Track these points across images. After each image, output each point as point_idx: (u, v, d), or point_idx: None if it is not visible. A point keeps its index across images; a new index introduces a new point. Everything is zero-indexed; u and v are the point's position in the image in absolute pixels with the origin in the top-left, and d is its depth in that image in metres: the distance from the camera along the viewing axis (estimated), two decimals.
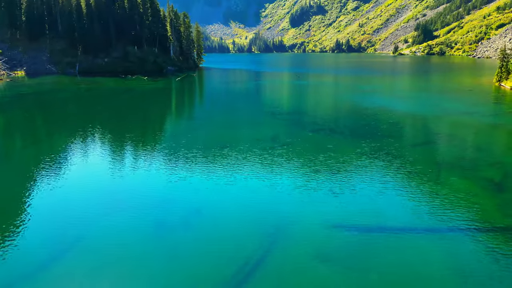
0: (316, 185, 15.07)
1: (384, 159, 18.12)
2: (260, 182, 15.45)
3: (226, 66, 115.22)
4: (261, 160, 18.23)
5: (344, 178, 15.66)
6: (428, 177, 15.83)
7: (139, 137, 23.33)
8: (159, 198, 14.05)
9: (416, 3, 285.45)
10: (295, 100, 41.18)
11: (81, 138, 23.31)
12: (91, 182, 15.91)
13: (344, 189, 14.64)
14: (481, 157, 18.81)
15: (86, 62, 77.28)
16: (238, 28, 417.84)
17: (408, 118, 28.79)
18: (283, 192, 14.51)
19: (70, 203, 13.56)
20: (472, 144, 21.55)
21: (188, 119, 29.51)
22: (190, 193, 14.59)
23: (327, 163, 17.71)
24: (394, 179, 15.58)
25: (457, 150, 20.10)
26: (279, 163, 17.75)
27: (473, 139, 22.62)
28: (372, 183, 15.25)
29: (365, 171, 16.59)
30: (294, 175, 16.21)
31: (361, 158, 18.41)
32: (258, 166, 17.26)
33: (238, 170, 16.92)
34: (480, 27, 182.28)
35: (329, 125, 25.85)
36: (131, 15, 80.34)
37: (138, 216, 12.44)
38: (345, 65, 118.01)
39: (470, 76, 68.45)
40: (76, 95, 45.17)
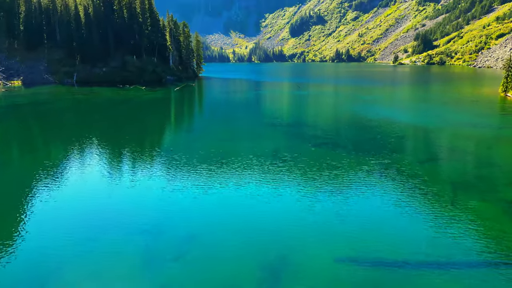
0: (321, 207, 13.69)
1: (394, 178, 16.74)
2: (260, 204, 14.09)
3: (226, 76, 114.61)
4: (261, 178, 16.88)
5: (351, 200, 14.27)
6: (444, 199, 14.43)
7: (134, 150, 22.01)
8: (153, 214, 13.22)
9: (415, 14, 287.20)
10: (296, 111, 39.97)
11: (75, 150, 22.12)
12: (86, 195, 15.17)
13: (351, 212, 13.27)
14: (497, 175, 17.44)
15: (84, 72, 76.39)
16: (238, 38, 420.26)
17: (415, 130, 27.49)
18: (285, 215, 13.14)
19: (64, 216, 13.12)
20: (486, 160, 20.20)
21: (186, 131, 28.22)
22: (185, 213, 13.44)
23: (331, 182, 16.33)
24: (406, 202, 14.18)
25: (471, 167, 18.76)
26: (280, 181, 16.38)
27: (486, 154, 21.28)
28: (382, 206, 13.88)
29: (373, 191, 15.20)
30: (296, 195, 14.82)
31: (368, 176, 17.04)
32: (257, 185, 15.89)
33: (236, 189, 15.62)
34: (480, 37, 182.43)
35: (332, 138, 24.53)
36: (130, 24, 79.80)
37: (132, 231, 11.91)
38: (345, 75, 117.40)
39: (474, 86, 67.45)
40: (71, 105, 44.00)
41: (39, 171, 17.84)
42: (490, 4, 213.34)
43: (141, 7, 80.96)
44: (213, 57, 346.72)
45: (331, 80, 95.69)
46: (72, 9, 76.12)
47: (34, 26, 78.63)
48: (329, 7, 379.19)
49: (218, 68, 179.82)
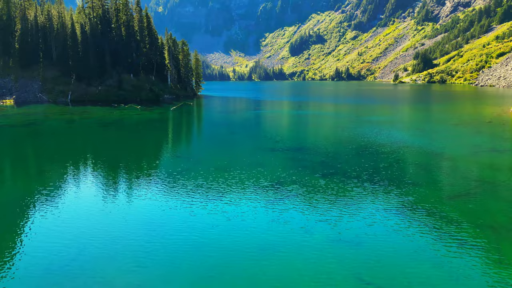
0: (336, 263, 10.62)
1: (426, 224, 13.71)
2: (260, 252, 11.08)
3: (225, 94, 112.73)
4: (262, 214, 13.93)
5: (372, 253, 11.23)
6: (492, 254, 11.37)
7: (113, 180, 19.08)
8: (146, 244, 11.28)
9: (414, 33, 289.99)
10: (299, 133, 37.11)
11: (54, 175, 19.34)
12: (73, 221, 13.89)
13: (367, 258, 10.32)
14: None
15: (79, 91, 74.26)
16: (239, 56, 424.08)
17: (434, 157, 24.56)
18: (290, 270, 10.09)
19: (57, 241, 12.51)
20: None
21: (178, 157, 25.29)
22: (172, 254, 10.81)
23: (348, 226, 13.32)
24: (447, 256, 11.11)
25: (505, 205, 15.75)
26: (285, 225, 13.36)
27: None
28: (401, 249, 10.96)
29: (401, 242, 12.15)
30: (303, 245, 11.77)
31: (391, 219, 14.02)
32: (258, 232, 12.86)
33: (234, 222, 12.76)
34: (480, 56, 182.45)
35: (342, 167, 21.59)
36: (127, 42, 78.31)
37: (126, 259, 10.96)
38: (347, 94, 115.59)
39: (481, 105, 65.02)
40: (59, 126, 41.30)
41: (20, 197, 16.48)
42: (488, 24, 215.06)
43: (139, 25, 79.76)
44: (213, 75, 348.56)
45: (332, 99, 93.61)
46: (68, 27, 74.70)
47: (30, 44, 77.14)
48: (328, 27, 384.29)
49: (218, 87, 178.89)
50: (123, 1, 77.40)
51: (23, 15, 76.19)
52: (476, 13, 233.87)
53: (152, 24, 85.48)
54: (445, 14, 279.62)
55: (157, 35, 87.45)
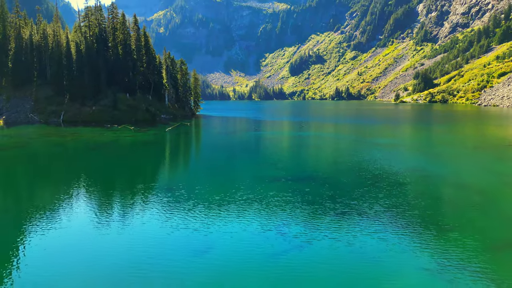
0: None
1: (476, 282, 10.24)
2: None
3: (225, 114, 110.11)
4: (262, 265, 10.55)
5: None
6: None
7: (89, 213, 15.72)
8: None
9: (413, 53, 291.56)
10: (302, 158, 33.71)
11: (31, 202, 15.99)
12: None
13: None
14: None
15: (72, 111, 71.49)
16: (239, 76, 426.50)
17: (464, 191, 21.09)
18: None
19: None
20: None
21: (164, 189, 21.86)
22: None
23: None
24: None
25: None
26: (288, 270, 9.95)
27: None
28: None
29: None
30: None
31: (426, 273, 10.55)
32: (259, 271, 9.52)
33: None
34: (482, 76, 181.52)
35: (358, 204, 18.17)
36: (124, 61, 76.21)
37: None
38: (349, 113, 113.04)
39: (493, 126, 62.05)
40: (42, 149, 38.08)
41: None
42: (488, 44, 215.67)
43: (137, 44, 77.92)
44: (213, 95, 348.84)
45: (334, 119, 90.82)
46: (63, 46, 72.74)
47: (23, 63, 75.20)
48: (328, 47, 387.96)
49: (217, 106, 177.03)
50: (120, 20, 75.82)
51: (17, 33, 74.55)
52: (475, 33, 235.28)
53: (150, 43, 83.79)
54: (443, 35, 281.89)
55: (154, 54, 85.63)
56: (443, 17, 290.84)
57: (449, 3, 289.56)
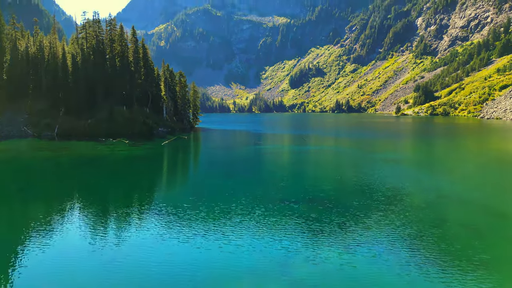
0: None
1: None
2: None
3: (224, 127, 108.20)
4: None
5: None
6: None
7: (73, 235, 13.47)
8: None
9: (413, 66, 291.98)
10: (306, 176, 31.37)
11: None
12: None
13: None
14: None
15: (67, 124, 69.55)
16: (239, 89, 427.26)
17: (489, 216, 18.82)
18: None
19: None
20: None
21: (156, 211, 19.57)
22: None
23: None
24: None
25: None
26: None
27: None
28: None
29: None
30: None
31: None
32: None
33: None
34: (483, 88, 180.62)
35: (371, 233, 15.88)
36: (121, 73, 74.68)
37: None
38: (350, 126, 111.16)
39: (501, 139, 59.97)
40: (25, 165, 35.86)
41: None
42: (488, 57, 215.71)
43: (134, 56, 76.54)
44: (213, 107, 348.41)
45: (336, 132, 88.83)
46: (59, 58, 71.33)
47: (19, 75, 73.60)
48: (328, 60, 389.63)
49: (217, 119, 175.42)
50: (118, 32, 74.66)
51: (13, 45, 73.24)
52: (474, 46, 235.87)
53: (148, 55, 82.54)
54: (443, 48, 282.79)
55: (153, 66, 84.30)
56: (442, 31, 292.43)
57: (448, 17, 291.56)
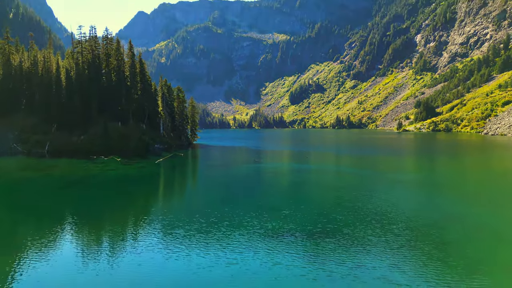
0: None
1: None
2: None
3: (223, 143, 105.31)
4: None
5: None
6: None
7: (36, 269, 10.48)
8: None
9: (413, 82, 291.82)
10: (313, 202, 28.01)
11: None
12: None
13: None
14: None
15: (59, 140, 66.71)
16: (239, 105, 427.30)
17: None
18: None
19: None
20: None
21: (134, 247, 16.44)
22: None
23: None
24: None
25: None
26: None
27: None
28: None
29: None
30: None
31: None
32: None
33: None
34: (485, 104, 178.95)
35: (379, 258, 12.75)
36: (117, 88, 72.44)
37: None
38: (353, 143, 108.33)
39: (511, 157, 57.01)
40: (3, 187, 32.77)
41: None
42: (489, 73, 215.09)
43: (131, 70, 74.46)
44: (213, 123, 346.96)
45: (339, 149, 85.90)
46: (53, 72, 69.21)
47: (11, 90, 71.40)
48: (328, 77, 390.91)
49: (217, 135, 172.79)
50: (114, 46, 72.82)
51: (6, 60, 71.30)
52: (474, 63, 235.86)
53: (146, 70, 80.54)
54: (443, 64, 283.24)
55: (150, 81, 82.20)
56: (442, 47, 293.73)
57: (447, 34, 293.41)
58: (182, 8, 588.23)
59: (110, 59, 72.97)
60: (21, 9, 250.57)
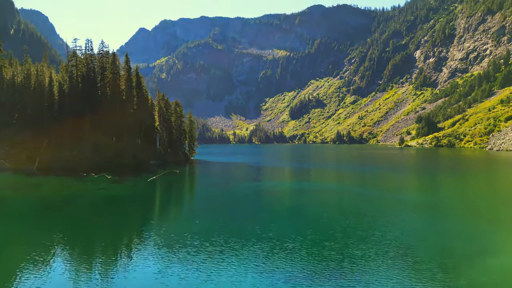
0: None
1: None
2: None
3: (222, 159, 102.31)
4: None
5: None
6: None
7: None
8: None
9: (414, 97, 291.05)
10: (321, 230, 24.49)
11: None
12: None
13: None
14: None
15: (49, 156, 63.82)
16: (239, 120, 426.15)
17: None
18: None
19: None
20: None
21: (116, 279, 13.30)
22: None
23: None
24: None
25: None
26: None
27: None
28: None
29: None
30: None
31: None
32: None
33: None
34: (488, 120, 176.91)
35: None
36: (112, 103, 69.98)
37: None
38: (356, 159, 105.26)
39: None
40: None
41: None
42: (490, 88, 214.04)
43: (127, 84, 72.21)
44: (213, 138, 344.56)
45: (341, 165, 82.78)
46: (46, 86, 66.92)
47: (3, 105, 68.89)
48: (328, 92, 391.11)
49: (216, 150, 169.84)
50: (110, 60, 70.79)
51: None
52: (475, 78, 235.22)
53: (142, 84, 78.38)
54: (443, 80, 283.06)
55: (147, 95, 79.93)
56: (441, 63, 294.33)
57: (447, 50, 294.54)
58: (182, 25, 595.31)
59: (105, 73, 70.85)
60: (22, 25, 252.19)
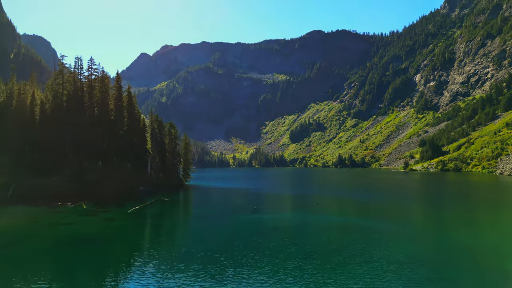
0: None
1: None
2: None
3: (219, 184, 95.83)
4: None
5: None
6: None
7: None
8: None
9: (415, 121, 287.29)
10: (330, 283, 18.62)
11: None
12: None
13: None
14: None
15: (26, 183, 57.50)
16: (239, 143, 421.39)
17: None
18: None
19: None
20: None
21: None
22: None
23: None
24: None
25: None
26: None
27: None
28: None
29: None
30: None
31: None
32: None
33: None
34: (495, 143, 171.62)
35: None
36: (99, 123, 64.61)
37: None
38: (361, 185, 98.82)
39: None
40: None
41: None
42: (493, 112, 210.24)
43: (117, 104, 67.20)
44: (213, 162, 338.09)
45: (349, 192, 76.34)
46: (27, 105, 61.83)
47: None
48: (328, 115, 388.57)
49: (214, 175, 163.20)
50: (99, 78, 66.11)
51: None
52: (477, 101, 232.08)
53: (134, 104, 73.38)
54: (444, 103, 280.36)
55: (139, 116, 74.75)
56: (442, 86, 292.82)
57: (447, 73, 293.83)
58: (183, 50, 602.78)
59: (94, 91, 65.97)
60: (23, 49, 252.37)
